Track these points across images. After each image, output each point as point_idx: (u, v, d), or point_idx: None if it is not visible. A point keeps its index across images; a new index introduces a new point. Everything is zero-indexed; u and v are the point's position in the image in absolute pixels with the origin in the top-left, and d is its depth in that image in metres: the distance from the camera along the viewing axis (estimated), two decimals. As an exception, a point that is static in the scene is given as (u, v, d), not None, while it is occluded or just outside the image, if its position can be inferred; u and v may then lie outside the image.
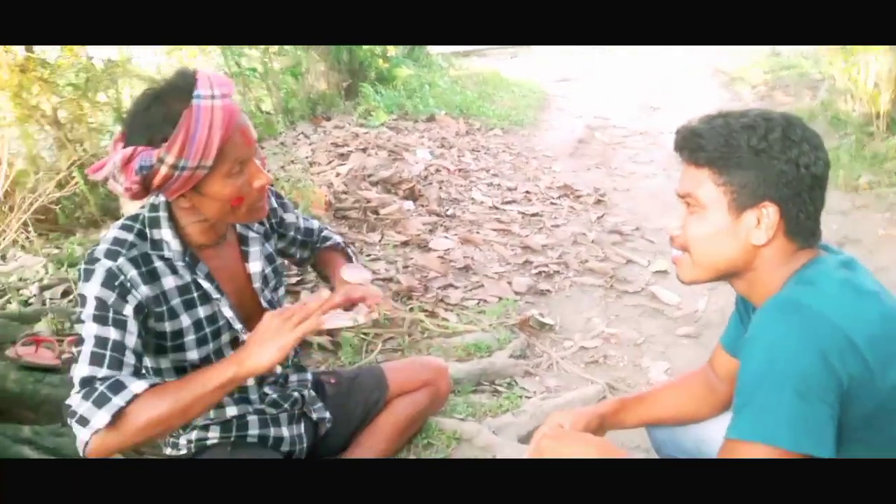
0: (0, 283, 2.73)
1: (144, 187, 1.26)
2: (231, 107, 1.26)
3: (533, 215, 4.08)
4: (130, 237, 1.36)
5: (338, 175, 4.10)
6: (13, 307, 2.52)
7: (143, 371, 1.37)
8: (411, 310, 2.76)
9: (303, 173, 4.02)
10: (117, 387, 1.24)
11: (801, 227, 1.08)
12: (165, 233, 1.38)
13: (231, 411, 1.54)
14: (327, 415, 1.73)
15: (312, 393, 1.73)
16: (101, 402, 1.22)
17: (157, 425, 1.26)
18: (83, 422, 1.22)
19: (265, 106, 5.75)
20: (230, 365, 1.29)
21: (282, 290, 1.65)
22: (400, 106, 6.18)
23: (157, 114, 1.24)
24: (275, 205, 1.63)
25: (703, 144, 1.10)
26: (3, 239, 3.15)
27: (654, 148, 6.15)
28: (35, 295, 2.67)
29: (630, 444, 1.90)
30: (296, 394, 1.65)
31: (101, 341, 1.27)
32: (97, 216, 3.47)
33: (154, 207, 1.40)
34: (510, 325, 2.70)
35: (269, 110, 5.69)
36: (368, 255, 3.22)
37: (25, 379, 1.80)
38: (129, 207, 3.41)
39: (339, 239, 1.82)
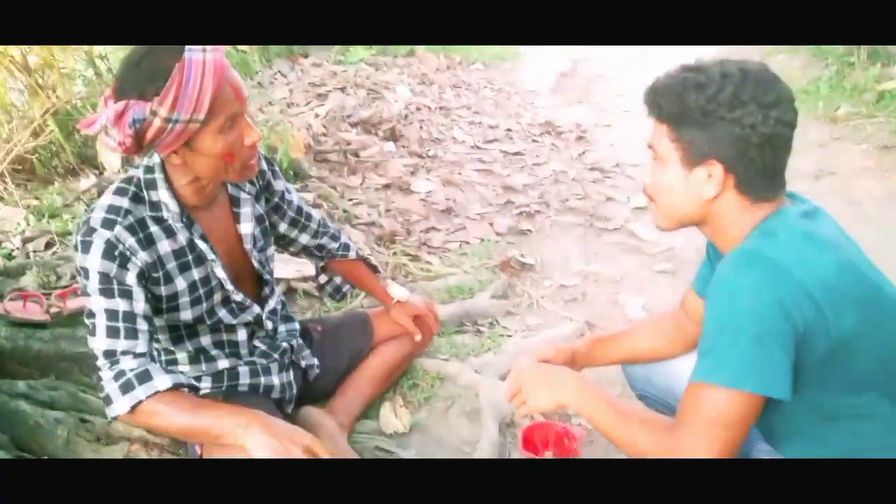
0: (-19, 237, 2.73)
1: (137, 142, 1.25)
2: (222, 61, 1.27)
3: (515, 154, 4.09)
4: (126, 203, 1.36)
5: (316, 116, 4.05)
6: (-3, 261, 2.53)
7: (157, 340, 1.44)
8: (394, 254, 2.80)
9: (281, 115, 3.97)
10: (144, 377, 1.30)
11: (753, 183, 1.11)
12: (163, 193, 1.39)
13: (222, 364, 1.59)
14: (315, 361, 1.79)
15: (300, 341, 1.78)
16: (126, 389, 1.29)
17: (164, 430, 1.43)
18: (108, 401, 1.30)
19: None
20: (239, 428, 1.29)
21: (270, 250, 1.67)
22: (378, 41, 6.05)
23: (149, 68, 1.23)
24: (263, 167, 1.63)
25: (660, 102, 1.13)
26: (-19, 191, 3.13)
27: (636, 80, 6.11)
28: (18, 248, 2.67)
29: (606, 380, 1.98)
30: (284, 344, 1.70)
31: (111, 314, 1.31)
32: (74, 164, 3.42)
33: (149, 169, 1.40)
34: (492, 267, 2.75)
35: (244, 48, 5.55)
36: (350, 199, 3.23)
37: (16, 335, 1.84)
38: (107, 156, 3.37)
39: (352, 244, 1.91)
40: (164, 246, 1.40)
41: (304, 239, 1.80)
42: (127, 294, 1.32)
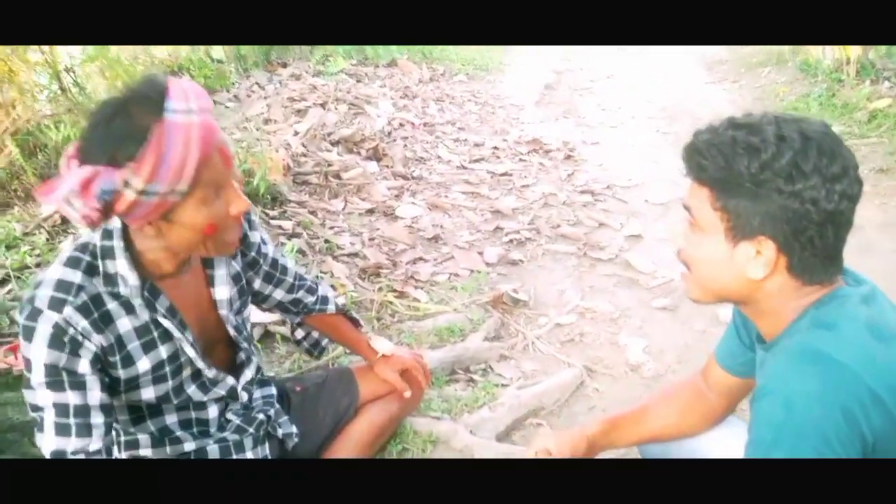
0: (-71, 272, 2.51)
1: (105, 214, 1.07)
2: (209, 124, 1.09)
3: (502, 175, 3.94)
4: (78, 277, 1.17)
5: (296, 134, 3.87)
6: (-55, 301, 2.32)
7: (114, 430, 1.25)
8: (380, 289, 2.63)
9: (258, 133, 3.79)
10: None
11: (807, 265, 0.96)
12: (121, 265, 1.20)
13: (189, 446, 1.41)
14: (294, 429, 1.62)
15: (277, 407, 1.61)
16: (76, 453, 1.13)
17: None
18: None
19: (215, 53, 5.38)
20: None
21: (246, 312, 1.51)
22: (359, 50, 5.88)
23: (122, 127, 1.05)
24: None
25: (703, 164, 0.97)
26: (-67, 216, 2.91)
27: (622, 93, 6.01)
28: (-30, 284, 2.46)
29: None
30: (260, 415, 1.52)
31: (61, 409, 1.14)
32: (36, 187, 3.21)
33: (108, 234, 1.21)
34: (483, 304, 2.59)
35: (219, 58, 5.34)
36: (332, 228, 3.06)
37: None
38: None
39: (333, 296, 1.74)
40: (125, 324, 1.23)
41: (279, 294, 1.62)
42: (79, 385, 1.15)
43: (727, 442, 1.34)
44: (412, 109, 4.85)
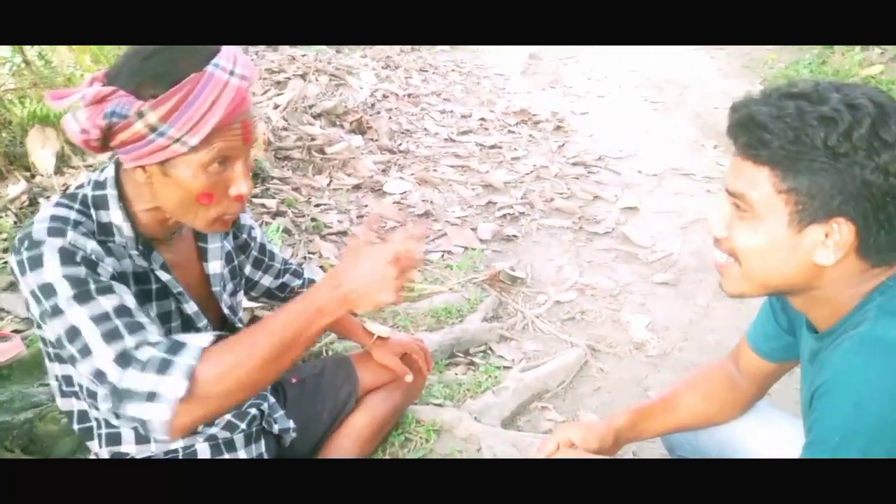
0: None
1: (104, 137, 1.00)
2: (244, 92, 1.02)
3: (491, 147, 3.82)
4: (73, 214, 1.07)
5: (276, 108, 3.70)
6: None
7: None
8: (371, 269, 2.51)
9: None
10: (176, 347, 0.99)
11: (880, 246, 0.86)
12: (115, 215, 1.10)
13: (176, 443, 1.30)
14: (290, 424, 1.51)
15: (272, 401, 1.50)
16: (165, 368, 0.97)
17: (244, 381, 1.00)
18: (153, 397, 0.96)
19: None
20: (329, 301, 1.01)
21: (240, 295, 1.41)
22: (338, 20, 5.68)
23: (159, 66, 1.00)
24: None
25: (766, 139, 0.84)
26: None
27: (607, 61, 5.88)
28: (-67, 272, 2.30)
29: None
30: (253, 410, 1.41)
31: (101, 318, 1.00)
32: (2, 166, 3.03)
33: (99, 185, 1.11)
34: (479, 282, 2.49)
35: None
36: (318, 205, 2.92)
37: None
38: (40, 156, 2.99)
39: (318, 279, 1.59)
40: (126, 265, 1.12)
41: (267, 281, 1.54)
42: (108, 290, 1.02)
43: (758, 429, 1.28)
44: (395, 80, 4.69)
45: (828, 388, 0.86)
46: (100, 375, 0.99)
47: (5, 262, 2.34)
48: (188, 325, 1.25)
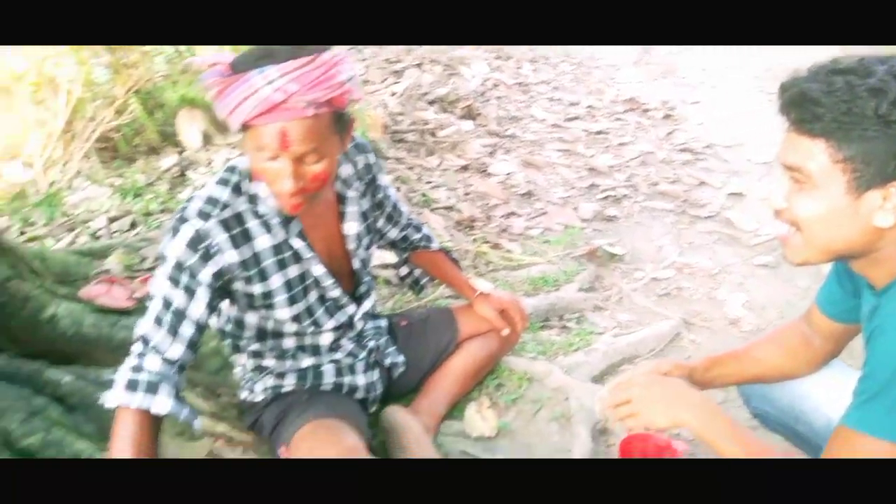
0: (69, 218, 2.77)
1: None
2: (273, 104, 1.16)
3: (598, 133, 3.89)
4: (225, 195, 1.31)
5: (393, 94, 3.96)
6: (83, 241, 2.56)
7: (199, 347, 1.32)
8: (474, 241, 2.69)
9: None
10: (151, 387, 1.20)
11: None
12: (262, 187, 1.33)
13: (306, 361, 1.53)
14: (401, 359, 1.72)
15: (386, 338, 1.71)
16: (130, 385, 1.20)
17: (110, 443, 1.23)
18: (112, 385, 1.22)
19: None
20: None
21: (373, 249, 1.61)
22: (453, 14, 5.89)
23: (242, 58, 1.19)
24: (371, 161, 1.56)
25: (819, 113, 0.92)
26: (68, 169, 3.18)
27: (724, 52, 5.75)
28: (103, 227, 2.69)
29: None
30: (371, 343, 1.62)
31: (166, 303, 1.25)
32: (156, 143, 3.44)
33: None
34: (577, 257, 2.61)
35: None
36: (428, 182, 3.13)
37: (101, 322, 1.82)
38: (188, 134, 3.38)
39: (434, 235, 1.83)
40: (263, 242, 1.34)
41: (394, 233, 1.74)
42: (190, 291, 1.26)
43: (830, 385, 1.32)
44: (506, 70, 4.84)
45: (882, 329, 0.93)
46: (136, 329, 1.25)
47: (160, 223, 2.70)
48: (317, 285, 1.46)
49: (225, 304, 1.43)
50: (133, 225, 2.70)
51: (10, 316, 1.67)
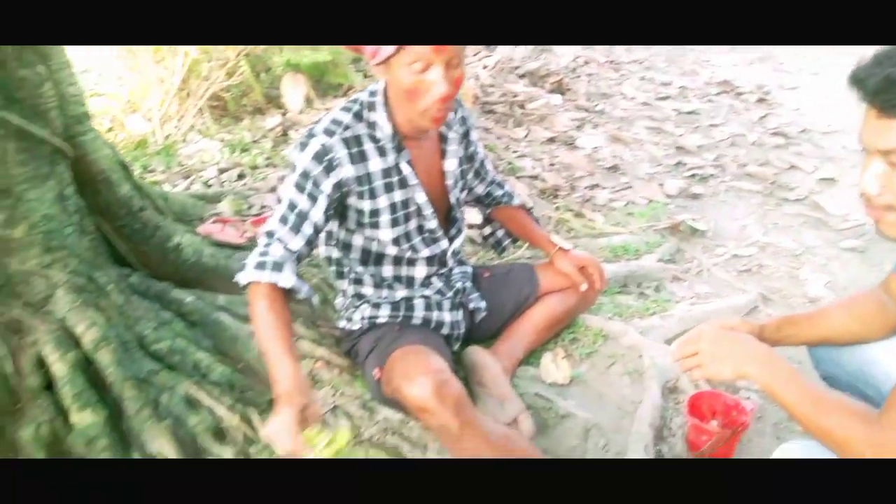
0: (183, 167, 3.02)
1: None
2: None
3: (689, 113, 3.88)
4: (347, 118, 1.49)
5: (485, 67, 4.06)
6: (197, 188, 2.80)
7: (315, 246, 1.50)
8: (557, 209, 2.78)
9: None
10: (277, 267, 1.37)
11: None
12: (380, 115, 1.50)
13: (400, 293, 1.68)
14: (483, 304, 1.84)
15: (470, 284, 1.83)
16: (259, 266, 1.38)
17: (252, 321, 1.38)
18: (242, 267, 1.40)
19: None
20: (283, 388, 1.24)
21: (464, 193, 1.75)
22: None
23: None
24: (465, 114, 1.70)
25: None
26: (182, 123, 3.45)
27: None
28: (214, 177, 2.93)
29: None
30: (458, 284, 1.76)
31: (292, 206, 1.44)
32: (262, 104, 3.68)
33: (372, 93, 1.52)
34: (660, 230, 2.65)
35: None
36: (514, 152, 3.23)
37: (218, 254, 2.03)
38: (290, 97, 3.59)
39: (515, 193, 1.95)
40: (375, 164, 1.50)
41: (480, 188, 1.87)
42: (314, 198, 1.44)
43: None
44: (598, 48, 4.85)
45: None
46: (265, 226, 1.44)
47: (265, 176, 2.92)
48: (419, 212, 1.60)
49: (335, 228, 1.59)
50: (241, 176, 2.93)
51: (142, 241, 1.90)
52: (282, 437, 1.14)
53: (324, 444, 1.13)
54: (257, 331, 1.35)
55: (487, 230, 2.04)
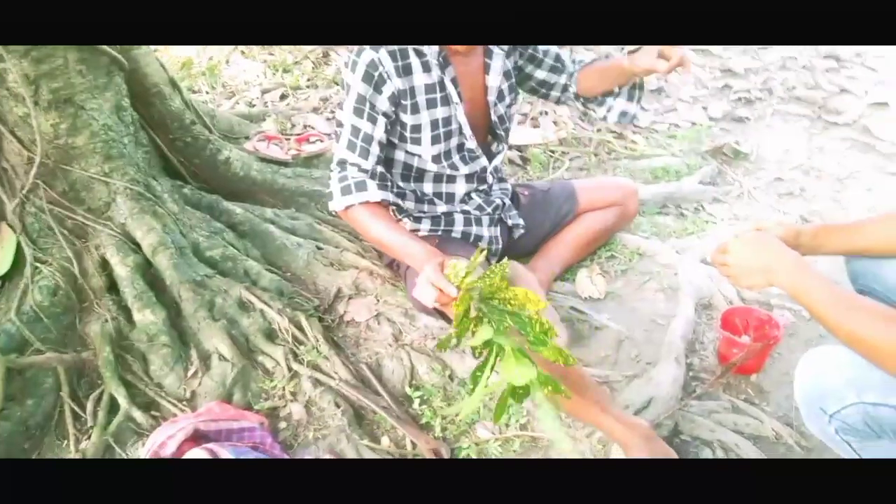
0: (228, 86, 3.07)
1: None
2: None
3: (737, 35, 3.75)
4: None
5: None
6: (241, 107, 2.85)
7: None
8: (598, 130, 2.76)
9: None
10: (361, 186, 1.51)
11: None
12: None
13: (441, 208, 1.72)
14: (521, 221, 1.87)
15: (509, 201, 1.87)
16: (345, 192, 1.51)
17: (364, 235, 1.59)
18: (330, 197, 1.55)
19: None
20: (419, 257, 1.41)
21: (513, 108, 1.74)
22: None
23: None
24: None
25: None
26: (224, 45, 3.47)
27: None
28: (257, 98, 2.98)
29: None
30: (497, 200, 1.79)
31: (355, 131, 1.51)
32: (302, 25, 3.67)
33: None
34: (702, 152, 2.63)
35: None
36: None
37: (265, 169, 2.10)
38: (331, 17, 3.57)
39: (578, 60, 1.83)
40: (419, 78, 1.53)
41: (563, 79, 1.78)
42: (373, 119, 1.51)
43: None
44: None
45: None
46: (332, 155, 1.53)
47: (307, 97, 2.95)
48: (460, 130, 1.62)
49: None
50: (283, 97, 2.97)
51: (194, 154, 1.97)
52: (429, 290, 1.28)
53: (463, 273, 1.24)
54: (373, 239, 1.55)
55: (602, 112, 1.83)
